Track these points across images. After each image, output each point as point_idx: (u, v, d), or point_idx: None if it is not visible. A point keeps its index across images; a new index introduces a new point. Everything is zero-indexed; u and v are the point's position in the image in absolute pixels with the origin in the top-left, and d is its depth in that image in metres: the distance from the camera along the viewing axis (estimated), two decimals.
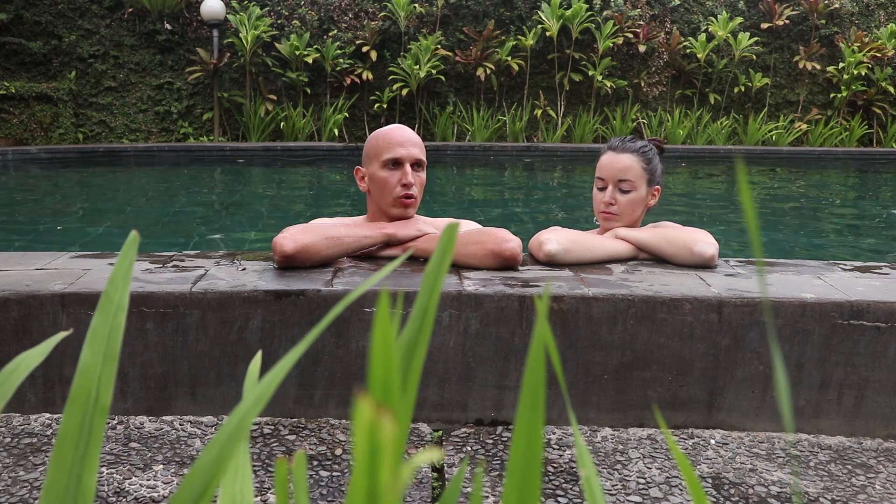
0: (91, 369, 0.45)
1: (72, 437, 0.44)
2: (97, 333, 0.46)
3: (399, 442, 0.31)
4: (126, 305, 0.47)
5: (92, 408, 0.44)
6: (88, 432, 0.44)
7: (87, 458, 0.44)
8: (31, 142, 9.10)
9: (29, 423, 1.82)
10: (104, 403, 0.45)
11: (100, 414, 0.44)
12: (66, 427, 0.44)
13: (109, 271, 1.98)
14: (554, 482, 1.60)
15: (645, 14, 10.43)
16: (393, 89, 9.69)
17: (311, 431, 1.82)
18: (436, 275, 0.39)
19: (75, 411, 0.44)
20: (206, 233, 4.87)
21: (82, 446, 0.44)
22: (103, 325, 0.46)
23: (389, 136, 2.10)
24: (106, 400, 0.45)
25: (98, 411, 0.44)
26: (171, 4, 9.67)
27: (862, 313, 1.82)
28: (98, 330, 0.46)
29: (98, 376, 0.45)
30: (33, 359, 0.50)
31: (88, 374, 0.45)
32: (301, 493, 0.40)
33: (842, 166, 9.66)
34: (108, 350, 0.46)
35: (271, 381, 0.40)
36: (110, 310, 0.47)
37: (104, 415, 0.45)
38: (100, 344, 0.46)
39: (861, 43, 10.22)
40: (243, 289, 1.84)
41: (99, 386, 0.45)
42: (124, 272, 0.48)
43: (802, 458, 1.76)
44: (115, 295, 0.47)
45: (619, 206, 2.20)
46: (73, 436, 0.44)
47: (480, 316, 1.84)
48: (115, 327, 0.46)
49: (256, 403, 0.40)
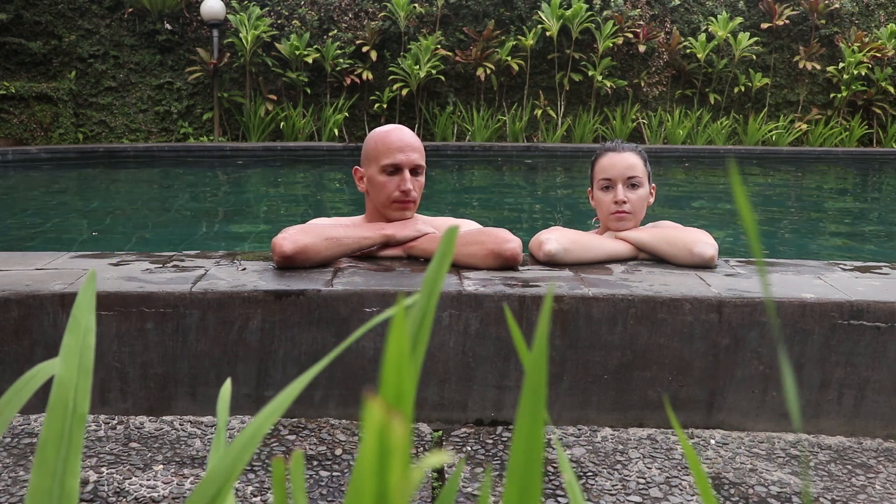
0: (68, 381, 0.49)
1: (53, 443, 0.47)
2: (70, 350, 0.50)
3: (407, 444, 0.31)
4: (94, 328, 0.52)
5: (70, 416, 0.47)
6: (69, 439, 0.47)
7: (68, 463, 0.46)
8: (31, 142, 9.10)
9: (29, 423, 1.82)
10: (82, 412, 0.48)
11: (78, 422, 0.47)
12: (47, 434, 0.47)
13: (109, 271, 1.98)
14: (554, 482, 1.60)
15: (645, 14, 10.43)
16: (393, 89, 9.69)
17: (311, 431, 1.82)
18: (435, 277, 0.39)
19: (55, 419, 0.47)
20: (206, 233, 4.87)
21: (63, 451, 0.46)
22: (75, 343, 0.50)
23: (388, 141, 2.08)
24: (83, 408, 0.48)
25: (76, 419, 0.47)
26: (171, 4, 9.67)
27: (862, 313, 1.82)
28: (71, 347, 0.50)
29: (74, 387, 0.48)
30: (53, 368, 0.52)
31: (65, 385, 0.48)
32: (299, 493, 0.40)
33: (842, 166, 9.65)
34: (82, 365, 0.50)
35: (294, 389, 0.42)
36: (80, 332, 0.51)
37: (82, 422, 0.48)
38: (73, 359, 0.50)
39: (861, 43, 10.22)
40: (243, 289, 1.84)
41: (76, 396, 0.48)
42: (88, 301, 0.52)
43: (802, 458, 1.76)
44: (83, 320, 0.51)
45: (631, 203, 2.18)
46: (55, 442, 0.47)
47: (480, 316, 1.84)
48: (86, 346, 0.51)
49: (276, 410, 0.42)
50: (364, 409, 0.29)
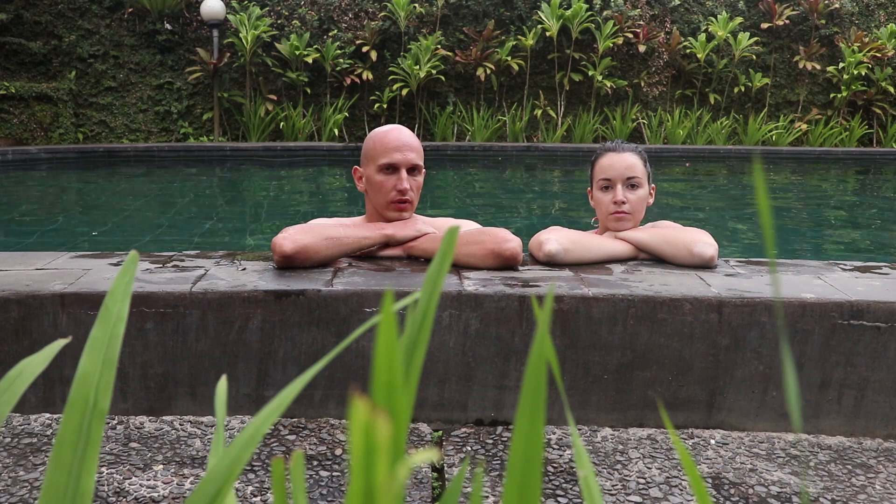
0: (90, 375, 0.47)
1: (70, 440, 0.45)
2: (97, 341, 0.48)
3: (398, 442, 0.31)
4: (125, 317, 0.50)
5: (90, 412, 0.46)
6: (87, 435, 0.45)
7: (85, 461, 0.45)
8: (31, 142, 9.10)
9: (29, 423, 1.82)
10: (102, 408, 0.46)
11: (98, 418, 0.46)
12: (65, 430, 0.45)
13: (109, 271, 1.98)
14: (554, 482, 1.60)
15: (645, 14, 10.43)
16: (393, 89, 9.69)
17: (311, 431, 1.82)
18: (436, 277, 0.39)
19: (74, 415, 0.45)
20: (206, 233, 4.87)
21: (81, 449, 0.45)
22: (103, 333, 0.48)
23: (386, 140, 2.09)
24: (104, 404, 0.46)
25: (96, 415, 0.46)
26: (171, 4, 9.67)
27: (862, 313, 1.82)
28: (98, 338, 0.48)
29: (97, 382, 0.47)
30: (36, 365, 0.51)
31: (87, 379, 0.47)
32: (299, 493, 0.40)
33: (842, 166, 9.65)
34: (107, 357, 0.48)
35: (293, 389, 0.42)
36: (110, 321, 0.49)
37: (102, 419, 0.46)
38: (99, 351, 0.48)
39: (861, 43, 10.22)
40: (243, 289, 1.84)
41: (98, 391, 0.46)
42: (124, 287, 0.50)
43: (802, 458, 1.76)
44: (115, 307, 0.49)
45: (630, 204, 2.18)
46: (72, 439, 0.45)
47: (480, 316, 1.84)
48: (115, 336, 0.49)
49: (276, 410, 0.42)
50: (350, 407, 0.30)
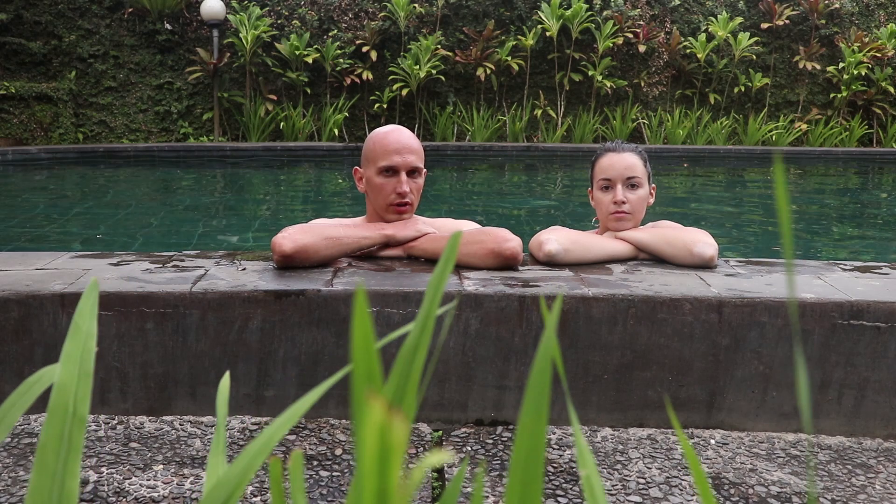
0: (68, 386, 0.49)
1: (52, 446, 0.47)
2: (70, 356, 0.51)
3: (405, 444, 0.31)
4: (95, 333, 0.53)
5: (70, 419, 0.48)
6: (69, 441, 0.48)
7: (68, 464, 0.47)
8: (31, 142, 9.10)
9: (29, 423, 1.82)
10: (81, 415, 0.49)
11: (78, 424, 0.48)
12: (47, 436, 0.47)
13: (110, 271, 1.98)
14: (554, 482, 1.60)
15: (645, 14, 10.43)
16: (393, 89, 9.69)
17: (311, 431, 1.82)
18: (438, 282, 0.39)
19: (55, 422, 0.48)
20: (206, 233, 4.87)
21: (63, 454, 0.47)
22: (76, 349, 0.51)
23: (386, 143, 2.08)
24: (83, 412, 0.49)
25: (76, 422, 0.48)
26: (171, 4, 9.67)
27: (862, 313, 1.82)
28: (71, 353, 0.51)
29: (74, 392, 0.49)
30: (55, 373, 0.52)
31: (65, 389, 0.49)
32: (297, 493, 0.40)
33: (842, 166, 9.66)
34: (82, 369, 0.50)
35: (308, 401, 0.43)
36: (80, 337, 0.52)
37: (82, 425, 0.48)
38: (74, 365, 0.50)
39: (861, 43, 10.22)
40: (243, 289, 1.84)
41: (76, 400, 0.49)
42: (90, 307, 0.53)
43: (802, 458, 1.76)
44: (84, 325, 0.52)
45: (630, 204, 2.18)
46: (55, 445, 0.47)
47: (480, 316, 1.84)
48: (87, 350, 0.51)
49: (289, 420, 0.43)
50: (357, 408, 0.30)
